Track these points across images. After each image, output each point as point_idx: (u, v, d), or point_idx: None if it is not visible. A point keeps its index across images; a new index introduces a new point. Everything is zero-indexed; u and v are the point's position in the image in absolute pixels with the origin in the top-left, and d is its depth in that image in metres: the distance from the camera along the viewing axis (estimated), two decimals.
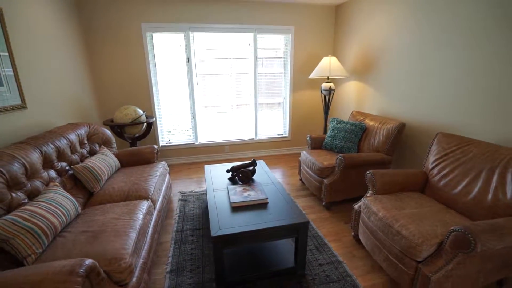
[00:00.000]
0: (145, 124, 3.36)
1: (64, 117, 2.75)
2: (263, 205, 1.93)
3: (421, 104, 2.60)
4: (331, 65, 3.32)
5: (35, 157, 1.81)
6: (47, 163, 1.94)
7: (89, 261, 1.20)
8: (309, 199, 2.92)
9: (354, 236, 2.21)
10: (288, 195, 2.08)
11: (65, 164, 2.11)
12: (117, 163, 2.56)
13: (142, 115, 3.26)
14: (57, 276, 1.09)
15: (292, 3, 3.79)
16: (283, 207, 1.89)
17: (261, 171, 2.56)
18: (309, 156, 2.93)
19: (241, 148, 4.27)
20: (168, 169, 2.87)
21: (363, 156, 2.56)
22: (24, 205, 1.60)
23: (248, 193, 2.04)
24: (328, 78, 3.48)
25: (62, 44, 2.81)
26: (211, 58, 3.85)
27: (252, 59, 3.93)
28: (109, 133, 2.81)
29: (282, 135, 4.42)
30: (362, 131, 2.93)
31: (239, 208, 1.90)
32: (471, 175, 1.81)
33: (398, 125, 2.57)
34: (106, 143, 2.73)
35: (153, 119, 3.46)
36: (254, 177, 2.41)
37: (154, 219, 2.06)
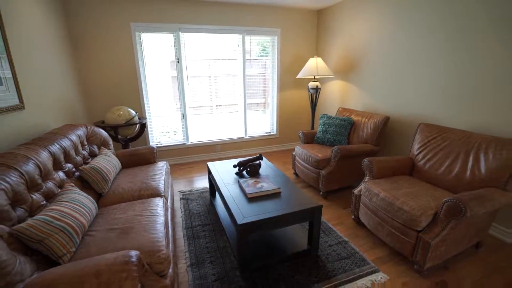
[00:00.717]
0: (138, 125, 3.31)
1: (55, 118, 2.62)
2: (277, 194, 2.08)
3: (402, 99, 2.95)
4: (318, 65, 3.58)
5: (46, 158, 1.75)
6: (56, 164, 1.88)
7: (136, 252, 1.24)
8: (306, 190, 3.12)
9: (354, 218, 2.44)
10: (294, 184, 2.25)
11: (71, 165, 2.05)
12: (119, 164, 2.52)
13: (135, 116, 3.21)
14: (114, 266, 1.12)
15: (277, 7, 3.99)
16: (295, 195, 2.05)
17: (264, 165, 2.70)
18: (304, 150, 3.13)
19: (232, 147, 4.36)
20: (169, 168, 2.87)
21: (355, 147, 2.82)
22: (43, 206, 1.56)
23: (260, 185, 2.17)
24: (314, 77, 3.73)
25: (50, 43, 2.68)
26: (201, 59, 3.89)
27: (241, 60, 4.05)
28: (106, 134, 2.74)
29: (270, 133, 4.60)
30: (350, 125, 3.21)
31: (255, 198, 2.02)
32: (451, 158, 2.13)
33: (383, 119, 2.88)
34: (104, 144, 2.66)
35: (146, 119, 3.42)
36: (260, 171, 2.54)
37: (169, 215, 2.09)
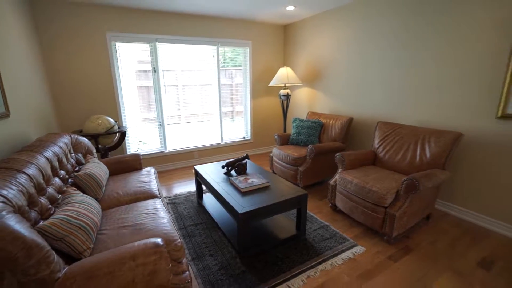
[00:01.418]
0: (118, 134, 3.30)
1: (34, 128, 2.54)
2: (266, 187, 2.32)
3: (363, 102, 3.46)
4: (288, 74, 3.97)
5: (45, 164, 1.77)
6: (53, 170, 1.88)
7: (160, 239, 1.38)
8: None
9: (331, 206, 2.80)
10: (280, 178, 2.53)
11: (63, 172, 2.05)
12: (108, 170, 2.53)
13: (115, 124, 3.21)
14: (146, 250, 1.26)
15: (249, 21, 4.33)
16: (282, 187, 2.32)
17: (249, 164, 2.93)
18: (281, 151, 3.45)
19: (209, 153, 4.50)
20: (157, 173, 2.94)
21: (326, 145, 3.22)
22: (50, 210, 1.59)
23: (251, 180, 2.40)
24: (285, 85, 4.12)
25: (25, 52, 2.61)
26: (178, 69, 4.02)
27: (215, 70, 4.27)
28: (89, 142, 2.72)
29: (245, 138, 4.85)
30: (320, 126, 3.63)
31: (247, 192, 2.24)
32: (404, 148, 2.62)
33: (348, 120, 3.35)
34: (89, 152, 2.65)
35: (126, 128, 3.42)
36: (247, 169, 2.77)
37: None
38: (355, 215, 2.42)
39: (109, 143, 3.24)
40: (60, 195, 1.78)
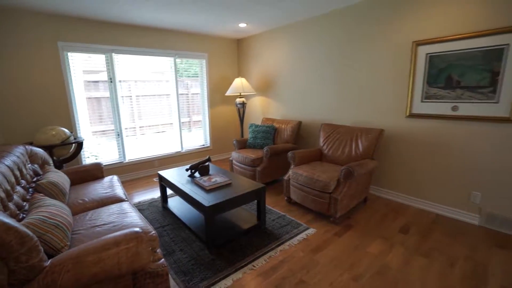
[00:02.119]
0: (74, 145, 3.24)
1: None
2: (229, 185, 2.59)
3: (309, 107, 3.97)
4: (243, 84, 4.34)
5: (7, 171, 1.77)
6: (15, 179, 1.87)
7: (138, 228, 1.54)
8: None
9: (286, 199, 3.17)
10: (240, 176, 2.82)
11: (24, 181, 2.03)
12: (68, 179, 2.52)
13: (70, 135, 3.16)
14: (128, 236, 1.42)
15: (204, 35, 4.62)
16: (243, 183, 2.61)
17: (211, 166, 3.16)
18: (240, 154, 3.75)
19: (170, 161, 4.57)
20: (120, 180, 2.97)
21: (280, 146, 3.62)
22: (19, 215, 1.62)
23: (214, 179, 2.64)
24: (240, 94, 4.47)
25: None
26: (136, 79, 4.08)
27: (173, 81, 4.43)
28: (45, 153, 2.66)
29: (204, 145, 5.04)
30: (274, 130, 4.04)
31: (212, 189, 2.47)
32: (343, 145, 3.14)
33: (297, 123, 3.82)
34: (45, 163, 2.59)
35: (82, 139, 3.36)
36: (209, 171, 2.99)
37: None
38: (306, 204, 2.82)
39: (65, 154, 3.16)
40: (25, 203, 1.79)
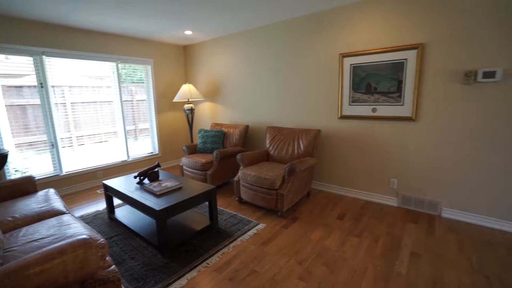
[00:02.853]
0: None
1: None
2: (179, 188, 2.63)
3: (256, 111, 4.21)
4: (191, 90, 4.38)
5: None
6: None
7: (85, 235, 1.51)
8: None
9: (237, 199, 3.32)
10: (191, 180, 2.87)
11: None
12: None
13: None
14: (74, 244, 1.39)
15: (148, 40, 4.53)
16: (194, 186, 2.68)
17: (161, 172, 3.13)
18: (190, 159, 3.78)
19: (115, 171, 4.32)
20: (58, 193, 2.74)
21: (229, 149, 3.77)
22: None
23: (164, 184, 2.64)
24: (188, 100, 4.50)
25: None
26: (73, 85, 3.79)
27: (116, 87, 4.23)
28: None
29: (152, 153, 4.89)
30: (223, 135, 4.17)
31: (163, 194, 2.48)
32: (287, 145, 3.44)
33: (245, 127, 4.02)
34: None
35: (6, 150, 2.99)
36: (159, 176, 2.97)
37: None
38: (256, 201, 3.01)
39: None
40: None
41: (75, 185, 3.89)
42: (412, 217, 2.86)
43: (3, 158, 2.99)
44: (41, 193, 2.53)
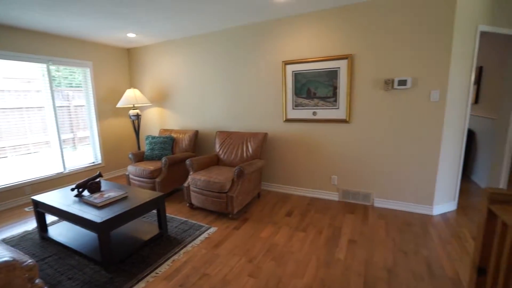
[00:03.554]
0: None
1: None
2: (124, 198, 2.50)
3: (206, 116, 4.22)
4: (136, 95, 4.19)
5: None
6: None
7: (8, 257, 1.37)
8: None
9: (189, 205, 3.28)
10: (138, 188, 2.76)
11: None
12: None
13: None
14: None
15: (88, 41, 4.20)
16: (141, 194, 2.58)
17: (104, 182, 2.93)
18: (137, 167, 3.61)
19: (48, 185, 3.87)
20: None
21: (179, 155, 3.70)
22: None
23: (107, 195, 2.49)
24: (134, 106, 4.29)
25: None
26: None
27: (47, 92, 3.82)
28: None
29: (94, 163, 4.51)
30: (172, 141, 4.07)
31: (105, 205, 2.34)
32: (236, 149, 3.53)
33: (194, 132, 4.00)
34: None
35: None
36: (102, 187, 2.77)
37: None
38: (207, 206, 3.02)
39: None
40: None
41: None
42: (350, 208, 3.18)
43: None
44: None
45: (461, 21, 2.61)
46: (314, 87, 3.30)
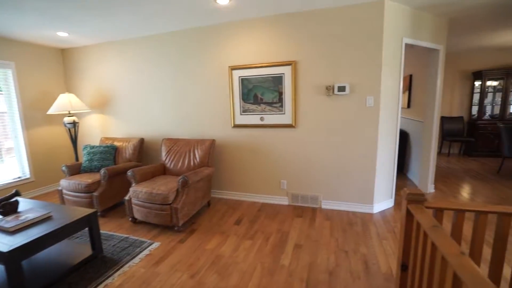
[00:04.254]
0: None
1: None
2: (48, 218, 2.20)
3: (151, 124, 3.97)
4: (71, 101, 3.79)
5: None
6: None
7: None
8: None
9: (131, 220, 3.03)
10: (68, 206, 2.46)
11: None
12: None
13: None
14: None
15: (8, 39, 3.68)
16: (70, 212, 2.30)
17: (24, 202, 2.55)
18: (72, 180, 3.24)
19: None
20: None
21: (121, 166, 3.42)
22: None
23: (24, 217, 2.16)
24: (69, 112, 3.87)
25: None
26: None
27: None
28: None
29: (21, 178, 3.95)
30: (114, 150, 3.75)
31: (20, 230, 2.02)
32: (183, 156, 3.38)
33: (139, 140, 3.74)
34: None
35: None
36: (19, 208, 2.41)
37: None
38: (150, 219, 2.82)
39: None
40: None
41: None
42: (299, 212, 3.24)
43: None
44: None
45: (389, 34, 2.84)
46: (260, 93, 3.32)
